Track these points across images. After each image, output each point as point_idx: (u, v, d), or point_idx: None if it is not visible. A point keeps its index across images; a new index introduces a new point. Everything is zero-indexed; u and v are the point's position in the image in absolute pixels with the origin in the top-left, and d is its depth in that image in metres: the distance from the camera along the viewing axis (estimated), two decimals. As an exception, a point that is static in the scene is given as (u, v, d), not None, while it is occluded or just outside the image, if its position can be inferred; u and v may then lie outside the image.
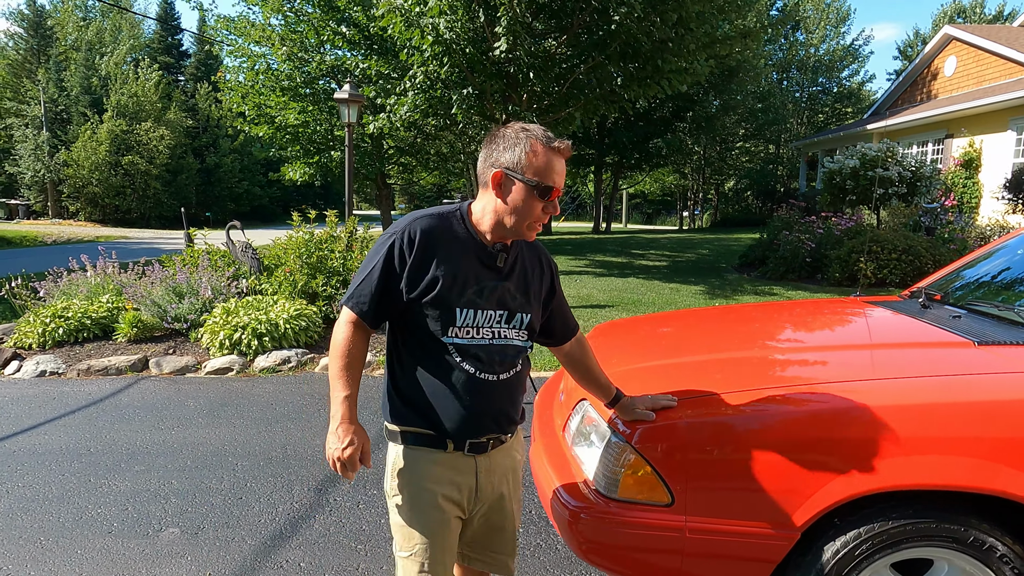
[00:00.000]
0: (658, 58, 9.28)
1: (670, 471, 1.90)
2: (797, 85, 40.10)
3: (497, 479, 1.77)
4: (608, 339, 2.97)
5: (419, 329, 1.62)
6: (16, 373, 5.86)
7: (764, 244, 11.42)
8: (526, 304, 1.72)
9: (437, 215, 1.65)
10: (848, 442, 1.82)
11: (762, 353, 2.40)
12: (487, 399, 1.66)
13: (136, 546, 2.96)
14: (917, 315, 2.61)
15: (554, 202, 1.61)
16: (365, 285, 1.62)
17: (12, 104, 38.49)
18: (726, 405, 1.98)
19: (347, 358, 1.62)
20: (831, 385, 1.99)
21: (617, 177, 27.82)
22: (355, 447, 1.58)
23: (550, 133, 1.62)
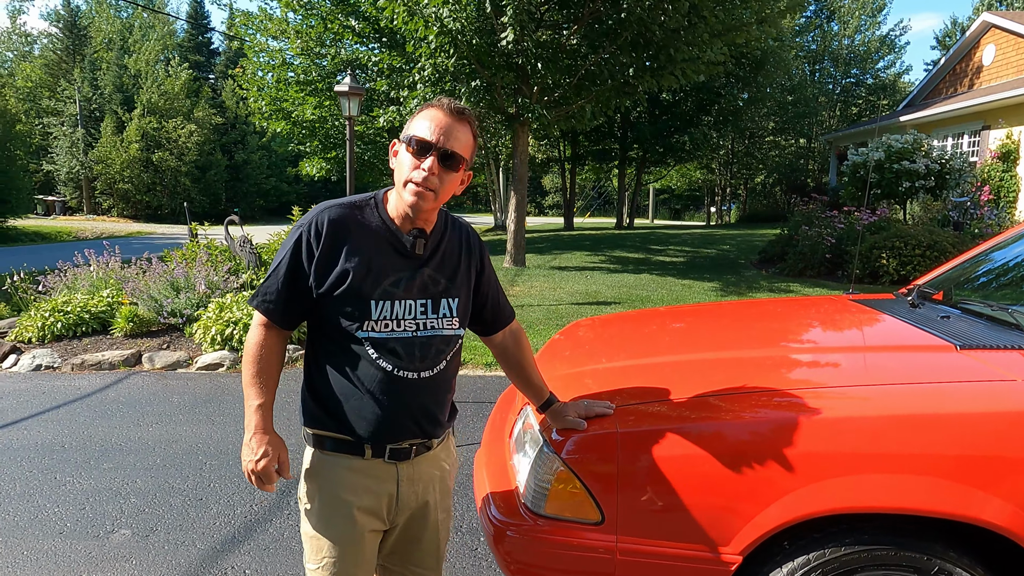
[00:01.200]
0: (671, 47, 9.00)
1: (600, 486, 1.73)
2: (830, 77, 39.11)
3: (421, 488, 1.63)
4: (571, 338, 2.80)
5: (332, 326, 1.50)
6: (13, 367, 5.89)
7: (784, 240, 11.06)
8: (451, 288, 1.59)
9: (348, 204, 1.54)
10: (794, 458, 1.62)
11: (722, 355, 2.20)
12: (406, 399, 1.53)
13: (84, 548, 2.88)
14: (902, 315, 2.38)
15: (431, 162, 1.44)
16: (271, 282, 1.52)
17: (49, 103, 39.55)
18: (666, 414, 1.80)
19: (259, 363, 1.52)
20: (783, 393, 1.80)
21: (640, 172, 27.38)
22: (269, 458, 1.50)
23: (443, 97, 1.53)
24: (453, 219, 1.68)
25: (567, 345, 2.69)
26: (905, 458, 1.58)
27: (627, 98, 10.65)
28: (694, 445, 1.69)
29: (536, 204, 59.21)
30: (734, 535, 1.65)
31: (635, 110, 23.91)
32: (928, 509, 1.55)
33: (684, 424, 1.74)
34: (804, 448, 1.62)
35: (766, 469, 1.64)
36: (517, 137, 10.69)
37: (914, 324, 2.24)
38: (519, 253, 11.22)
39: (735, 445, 1.67)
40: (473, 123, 1.53)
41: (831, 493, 1.59)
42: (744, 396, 1.82)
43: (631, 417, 1.79)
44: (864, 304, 2.64)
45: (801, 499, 1.61)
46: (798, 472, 1.62)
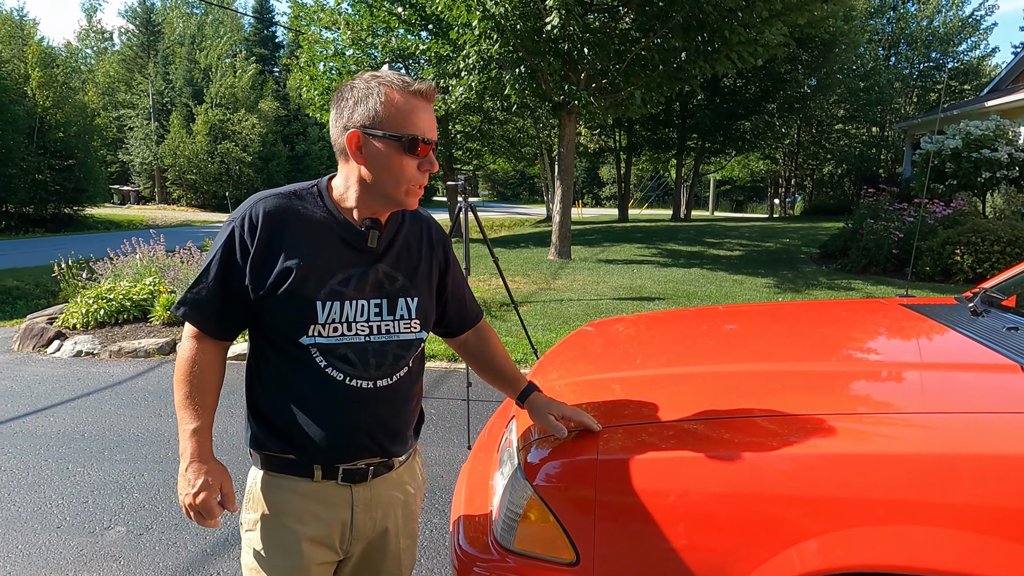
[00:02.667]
0: (725, 29, 8.51)
1: (575, 521, 1.47)
2: (906, 61, 36.98)
3: (381, 514, 1.44)
4: (581, 341, 2.54)
5: (273, 331, 1.32)
6: (57, 352, 6.04)
7: (847, 234, 10.38)
8: (409, 287, 1.40)
9: (286, 194, 1.34)
10: (813, 500, 1.33)
11: (736, 368, 1.90)
12: (361, 412, 1.34)
13: (77, 544, 2.81)
14: (959, 325, 2.03)
15: (430, 157, 1.30)
16: (201, 287, 1.32)
17: (125, 97, 41.45)
18: (658, 439, 1.53)
19: (191, 382, 1.32)
20: (805, 419, 1.51)
21: (699, 162, 26.52)
22: (209, 491, 1.30)
23: (406, 77, 1.30)
24: (411, 210, 1.46)
25: (568, 350, 2.44)
26: (951, 508, 1.27)
27: (680, 84, 10.18)
28: (690, 477, 1.42)
29: (593, 195, 58.56)
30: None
31: (694, 98, 23.15)
32: (946, 570, 1.24)
33: (679, 452, 1.47)
34: (825, 489, 1.32)
35: (777, 512, 1.35)
36: (564, 126, 10.38)
37: (972, 336, 1.89)
38: (564, 245, 10.93)
39: (740, 480, 1.39)
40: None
41: (844, 548, 1.30)
42: (754, 420, 1.54)
43: (616, 440, 1.53)
44: (916, 310, 2.28)
45: (818, 550, 1.32)
46: (817, 517, 1.32)
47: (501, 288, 8.43)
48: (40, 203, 24.26)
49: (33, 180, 23.55)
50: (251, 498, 1.39)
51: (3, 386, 5.07)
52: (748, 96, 22.56)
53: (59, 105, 25.33)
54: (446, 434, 4.01)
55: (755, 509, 1.36)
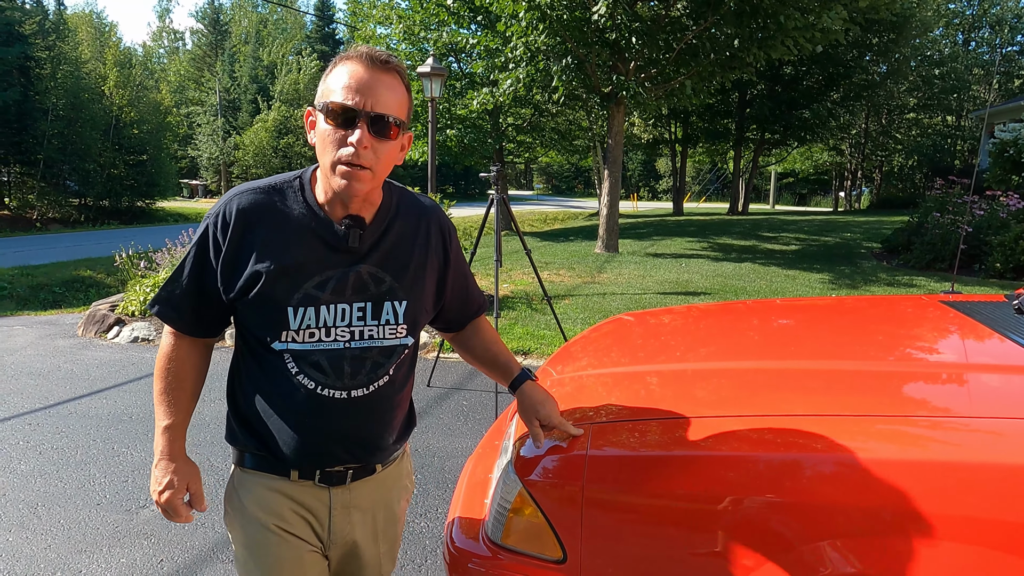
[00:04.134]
0: (780, 14, 8.18)
1: (562, 518, 1.44)
2: (987, 45, 34.90)
3: (358, 517, 1.38)
4: (604, 333, 2.48)
5: (248, 334, 1.28)
6: (116, 338, 6.35)
7: (912, 228, 9.88)
8: (397, 288, 1.30)
9: (264, 188, 1.26)
10: (817, 505, 1.25)
11: (752, 365, 1.81)
12: (332, 423, 1.28)
13: (113, 521, 2.95)
14: (1000, 324, 1.88)
15: (360, 133, 1.14)
16: (174, 284, 1.28)
17: (195, 94, 43.23)
18: (653, 436, 1.47)
19: (167, 377, 1.29)
20: (815, 419, 1.42)
21: (758, 154, 25.71)
22: (174, 490, 1.29)
23: (375, 51, 1.19)
24: (408, 199, 1.37)
25: (589, 342, 2.38)
26: (961, 522, 1.17)
27: (732, 73, 9.86)
28: (685, 477, 1.36)
29: (650, 188, 57.64)
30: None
31: (754, 87, 22.45)
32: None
33: (674, 450, 1.41)
34: (830, 493, 1.24)
35: (777, 517, 1.28)
36: (612, 117, 10.22)
37: (1012, 336, 1.74)
38: (611, 238, 10.78)
39: (739, 482, 1.32)
40: (403, 74, 1.22)
41: (867, 559, 1.22)
42: (757, 419, 1.46)
43: (608, 437, 1.49)
44: (956, 307, 2.13)
45: (827, 561, 1.24)
46: (827, 525, 1.24)
47: (543, 281, 8.39)
48: (115, 196, 25.53)
49: (109, 175, 24.81)
50: (230, 492, 1.37)
51: (65, 369, 5.35)
52: (810, 84, 21.71)
53: (134, 104, 26.59)
54: (476, 426, 4.02)
55: (745, 512, 1.29)
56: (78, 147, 23.58)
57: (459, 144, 15.10)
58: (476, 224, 16.64)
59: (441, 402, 4.44)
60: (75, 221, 24.44)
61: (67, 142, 23.41)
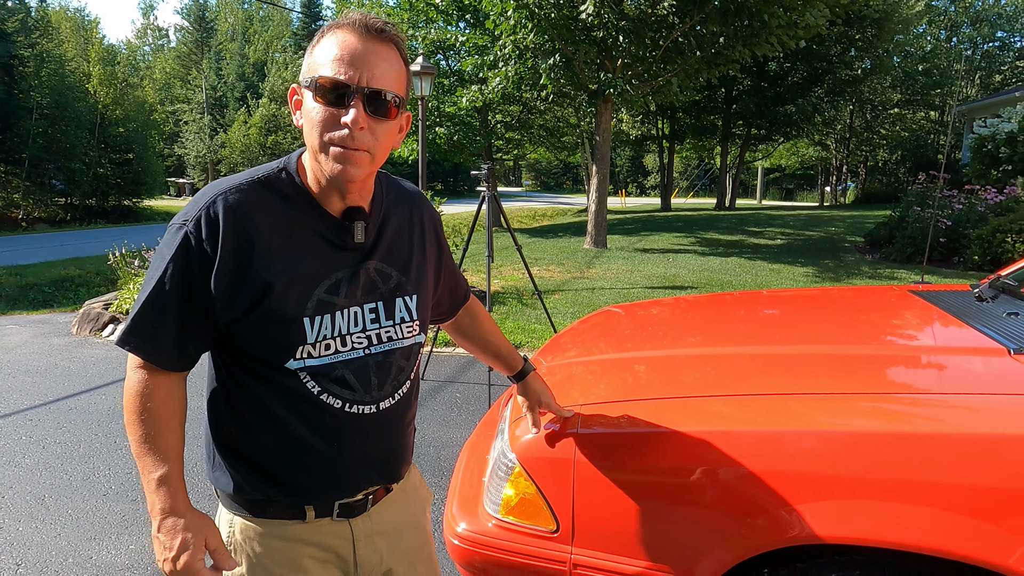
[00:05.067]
0: (764, 13, 8.34)
1: (555, 491, 1.57)
2: (969, 42, 35.33)
3: (384, 544, 1.24)
4: (592, 325, 2.61)
5: (248, 357, 1.08)
6: (110, 336, 6.40)
7: (893, 222, 10.09)
8: (406, 282, 1.19)
9: (250, 183, 1.07)
10: (781, 475, 1.38)
11: (728, 351, 1.95)
12: (362, 442, 1.14)
13: (119, 510, 3.04)
14: (959, 311, 2.02)
15: (356, 115, 0.99)
16: (149, 312, 1.04)
17: (181, 92, 42.95)
18: (638, 415, 1.59)
19: (149, 422, 1.06)
20: (781, 397, 1.56)
21: (744, 149, 25.96)
22: (191, 551, 1.05)
23: (370, 18, 1.03)
24: (395, 187, 1.25)
25: (578, 333, 2.51)
26: (912, 485, 1.30)
27: (718, 70, 10.03)
28: (665, 452, 1.49)
29: (638, 184, 57.91)
30: (704, 558, 1.44)
31: (739, 83, 22.66)
32: (930, 547, 1.28)
33: (656, 428, 1.53)
34: (792, 464, 1.38)
35: (747, 486, 1.41)
36: (600, 114, 10.35)
37: (968, 322, 1.88)
38: (600, 234, 10.91)
39: (713, 455, 1.45)
40: (401, 44, 1.06)
41: (817, 520, 1.35)
42: (730, 399, 1.59)
43: (596, 416, 1.61)
44: (921, 296, 2.27)
45: (782, 523, 1.37)
46: (783, 493, 1.38)
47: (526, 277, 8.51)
48: (101, 195, 25.36)
49: (95, 173, 24.65)
50: (230, 548, 1.15)
51: (62, 367, 5.41)
52: (795, 80, 21.95)
53: (119, 101, 26.40)
54: (469, 417, 4.13)
55: (722, 483, 1.42)
56: (63, 146, 23.41)
57: (448, 141, 15.17)
58: (466, 221, 16.68)
59: (435, 394, 4.55)
60: (61, 220, 24.28)
61: (52, 141, 23.24)
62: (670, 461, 1.46)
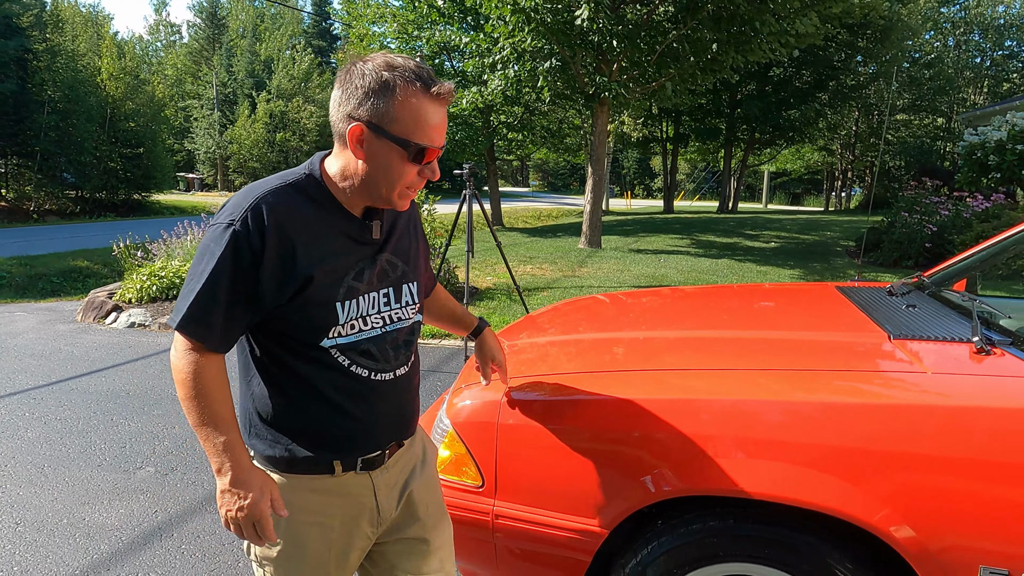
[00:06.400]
0: (756, 20, 8.52)
1: (481, 451, 1.79)
2: (978, 50, 35.31)
3: (400, 490, 1.44)
4: (547, 313, 2.83)
5: (286, 337, 1.26)
6: (113, 323, 6.67)
7: (883, 227, 10.24)
8: (408, 272, 1.41)
9: (283, 187, 1.24)
10: (668, 437, 1.60)
11: (649, 335, 2.17)
12: (385, 404, 1.36)
13: (112, 480, 3.28)
14: (865, 303, 2.23)
15: (433, 165, 1.25)
16: (204, 301, 1.19)
17: (192, 88, 43.42)
18: (552, 385, 1.82)
19: (206, 399, 1.21)
20: (682, 372, 1.78)
21: (748, 153, 26.08)
22: (263, 501, 1.22)
23: (425, 70, 1.20)
24: None
25: (535, 319, 2.73)
26: (780, 445, 1.52)
27: (713, 75, 10.21)
28: (571, 418, 1.71)
29: (645, 187, 58.03)
30: (603, 509, 1.66)
31: (745, 87, 22.80)
32: (792, 498, 1.49)
33: (564, 396, 1.76)
34: (677, 428, 1.59)
35: (640, 446, 1.63)
36: (596, 116, 10.56)
37: (867, 313, 2.09)
38: (594, 234, 11.12)
39: (613, 420, 1.67)
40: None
41: (697, 475, 1.56)
42: (633, 374, 1.81)
43: (517, 386, 1.83)
44: (842, 291, 2.48)
45: (667, 478, 1.59)
46: (669, 451, 1.60)
47: (519, 275, 8.72)
48: (111, 189, 25.77)
49: (105, 167, 25.05)
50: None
51: (66, 351, 5.67)
52: (800, 85, 22.06)
53: (129, 96, 26.78)
54: (447, 403, 4.35)
55: (617, 444, 1.64)
56: (74, 139, 23.80)
57: (450, 141, 15.40)
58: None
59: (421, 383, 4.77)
60: (71, 213, 24.69)
61: (63, 134, 23.62)
62: (575, 425, 1.68)
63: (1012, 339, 1.75)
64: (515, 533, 1.75)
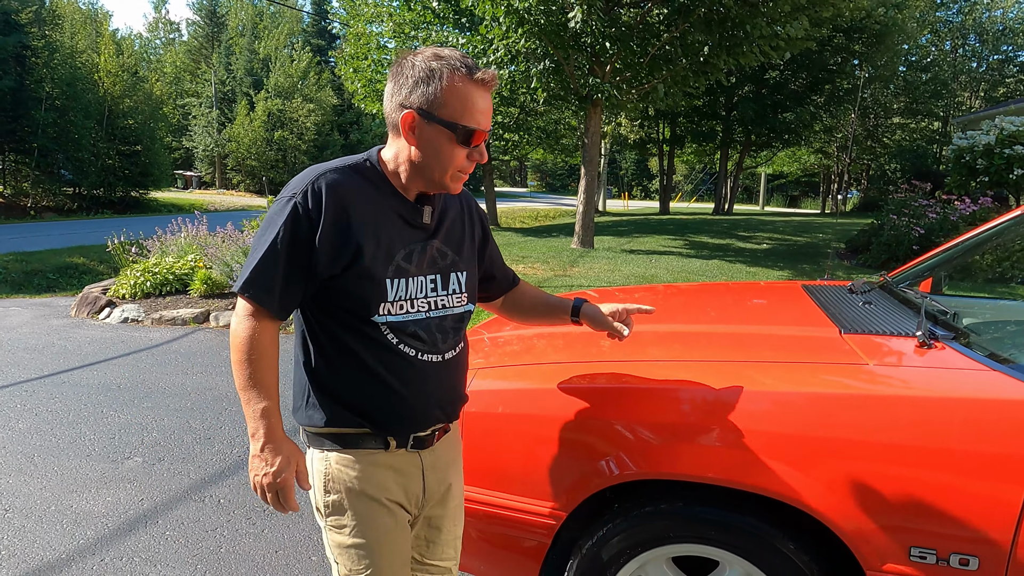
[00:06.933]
0: (747, 23, 8.61)
1: (448, 438, 1.87)
2: (974, 54, 35.47)
3: (443, 475, 1.53)
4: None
5: (340, 310, 1.33)
6: (107, 318, 6.74)
7: (873, 229, 10.34)
8: (459, 261, 1.46)
9: (343, 167, 1.34)
10: (619, 425, 1.68)
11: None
12: (433, 384, 1.41)
13: (101, 469, 3.35)
14: (825, 301, 2.31)
15: (480, 148, 1.33)
16: (264, 265, 1.28)
17: (190, 86, 43.44)
18: (513, 374, 1.90)
19: (257, 361, 1.29)
20: (637, 363, 1.85)
21: (744, 155, 26.19)
22: (288, 470, 1.31)
23: (469, 59, 1.29)
24: None
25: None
26: (728, 431, 1.59)
27: (705, 78, 10.30)
28: (532, 405, 1.79)
29: (643, 188, 58.17)
30: (562, 493, 1.74)
31: (741, 89, 22.90)
32: (738, 482, 1.56)
33: (524, 384, 1.84)
34: (633, 415, 1.67)
35: (597, 432, 1.71)
36: (589, 118, 10.64)
37: (824, 309, 2.18)
38: (587, 234, 11.20)
39: (572, 408, 1.75)
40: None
41: (650, 459, 1.64)
42: (590, 365, 1.89)
43: (486, 375, 1.91)
44: (806, 290, 2.57)
45: (622, 463, 1.67)
46: (625, 437, 1.68)
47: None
48: (109, 186, 25.79)
49: (103, 164, 25.08)
50: (329, 479, 1.39)
51: (59, 345, 5.75)
52: (795, 88, 22.17)
53: (127, 93, 26.82)
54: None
55: (578, 432, 1.72)
56: (72, 136, 23.84)
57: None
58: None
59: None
60: (69, 210, 24.73)
61: (61, 131, 23.67)
62: (535, 412, 1.76)
63: (955, 334, 1.84)
64: (478, 516, 1.83)
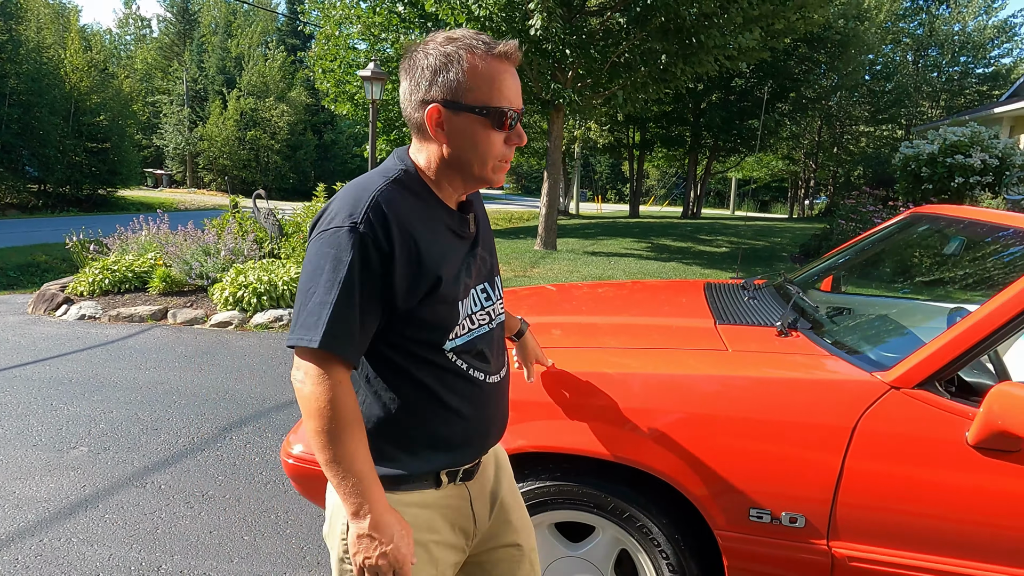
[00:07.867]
0: (701, 33, 8.91)
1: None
2: (935, 66, 36.49)
3: (489, 499, 1.39)
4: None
5: (408, 341, 1.18)
6: (64, 315, 6.77)
7: (824, 233, 10.71)
8: (495, 264, 1.37)
9: (390, 184, 1.16)
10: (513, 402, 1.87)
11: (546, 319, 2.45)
12: (493, 407, 1.30)
13: (46, 458, 3.46)
14: (713, 297, 2.53)
15: (518, 129, 1.18)
16: (341, 311, 1.08)
17: (161, 83, 42.93)
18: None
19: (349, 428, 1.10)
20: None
21: (711, 160, 26.72)
22: (407, 546, 1.15)
23: (484, 35, 1.16)
24: None
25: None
26: (598, 408, 1.79)
27: (666, 85, 10.60)
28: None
29: (617, 191, 58.75)
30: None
31: (708, 96, 23.39)
32: (603, 453, 1.76)
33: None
34: (533, 395, 1.85)
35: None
36: (552, 122, 10.88)
37: (709, 304, 2.39)
38: (550, 236, 11.43)
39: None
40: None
41: (533, 434, 1.84)
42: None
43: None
44: (705, 287, 2.79)
45: (514, 437, 1.86)
46: (515, 414, 1.86)
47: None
48: (75, 184, 25.41)
49: (69, 161, 24.72)
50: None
51: (13, 341, 5.79)
52: (760, 95, 22.70)
53: (96, 90, 26.47)
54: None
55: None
56: (37, 132, 23.47)
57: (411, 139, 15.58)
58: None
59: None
60: (33, 207, 24.33)
61: (26, 127, 23.29)
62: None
63: (811, 324, 2.07)
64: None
